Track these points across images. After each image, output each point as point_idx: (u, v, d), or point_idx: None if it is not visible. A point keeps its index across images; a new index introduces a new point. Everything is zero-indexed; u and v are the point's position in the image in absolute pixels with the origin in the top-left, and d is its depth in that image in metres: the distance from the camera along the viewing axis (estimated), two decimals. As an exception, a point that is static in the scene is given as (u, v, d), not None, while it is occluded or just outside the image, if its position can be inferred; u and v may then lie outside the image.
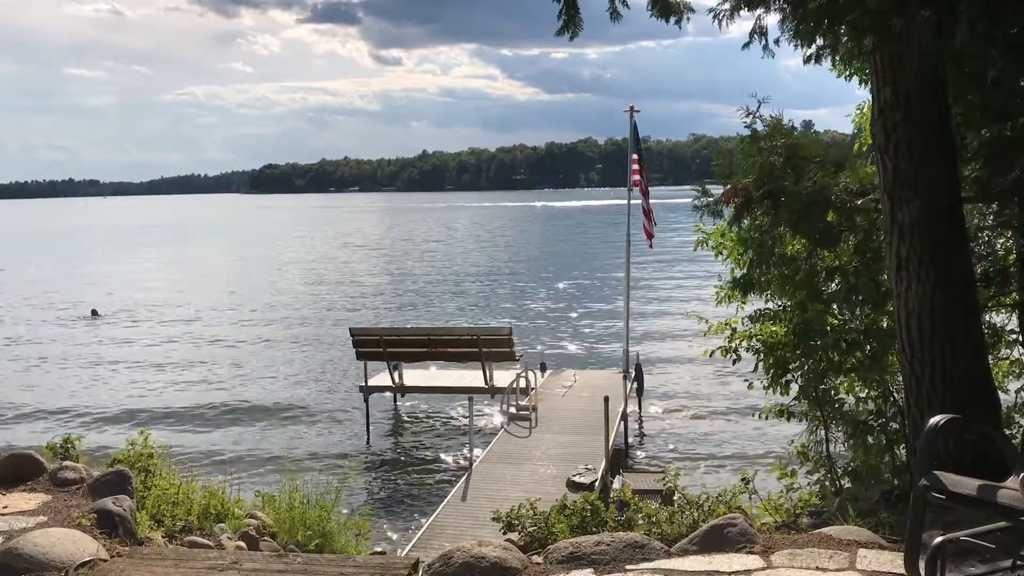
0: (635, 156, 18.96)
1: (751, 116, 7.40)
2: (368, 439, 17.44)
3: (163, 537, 5.56)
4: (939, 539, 3.14)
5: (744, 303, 8.54)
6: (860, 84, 8.00)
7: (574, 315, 33.61)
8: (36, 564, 4.49)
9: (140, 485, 5.92)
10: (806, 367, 7.98)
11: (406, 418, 18.96)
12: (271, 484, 8.35)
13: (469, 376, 18.23)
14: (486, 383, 17.42)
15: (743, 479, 6.99)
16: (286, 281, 46.76)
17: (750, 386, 8.70)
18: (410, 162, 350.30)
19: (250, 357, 26.09)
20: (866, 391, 8.06)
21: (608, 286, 41.00)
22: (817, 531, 5.14)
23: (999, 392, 6.69)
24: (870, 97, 6.35)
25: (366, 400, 17.93)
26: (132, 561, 4.76)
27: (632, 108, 19.01)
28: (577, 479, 11.88)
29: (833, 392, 8.22)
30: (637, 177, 18.77)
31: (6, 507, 5.48)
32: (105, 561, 4.71)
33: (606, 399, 12.82)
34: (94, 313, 34.63)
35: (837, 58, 6.92)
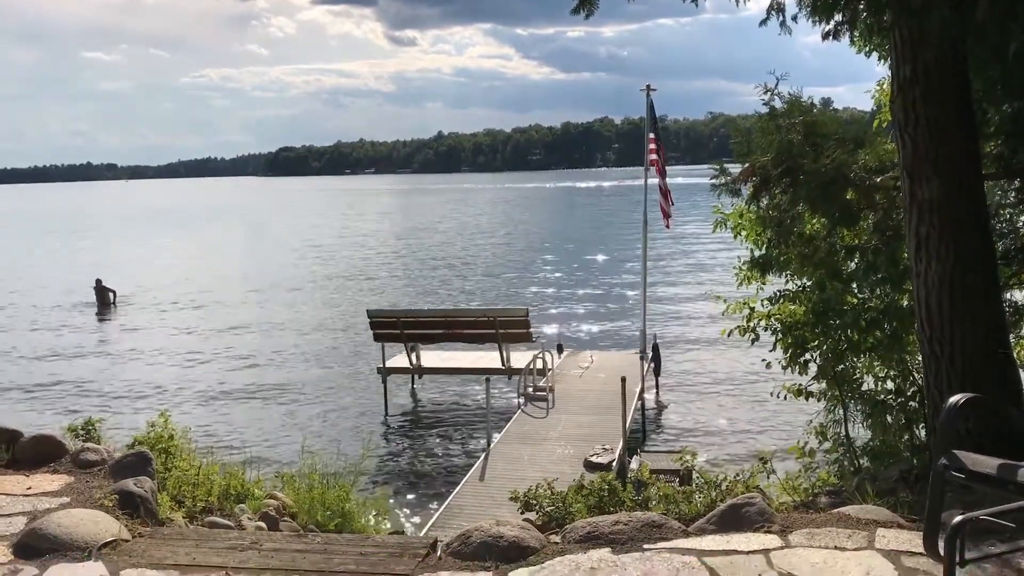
0: (652, 135, 18.86)
1: (769, 93, 7.32)
2: (386, 420, 17.53)
3: (184, 518, 5.62)
4: (959, 518, 3.12)
5: (764, 283, 8.50)
6: (880, 60, 7.89)
7: (591, 296, 33.55)
8: (60, 544, 4.55)
9: (161, 466, 5.98)
10: (824, 346, 7.94)
11: (423, 399, 19.04)
12: (290, 465, 8.40)
13: (486, 357, 18.31)
14: (503, 364, 17.47)
15: (761, 459, 6.98)
16: (304, 264, 46.88)
17: (768, 366, 8.65)
18: (426, 143, 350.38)
19: (268, 340, 26.21)
20: (885, 370, 8.01)
21: (625, 267, 40.90)
22: (835, 510, 5.12)
23: (1020, 371, 6.63)
24: (890, 73, 6.27)
25: (384, 382, 18.03)
26: (154, 541, 4.81)
27: (649, 87, 18.87)
28: (594, 459, 11.91)
29: (852, 371, 8.18)
30: (654, 157, 18.68)
31: (30, 488, 5.54)
32: (127, 541, 4.76)
33: (623, 379, 12.81)
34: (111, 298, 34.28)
35: (856, 34, 6.84)
